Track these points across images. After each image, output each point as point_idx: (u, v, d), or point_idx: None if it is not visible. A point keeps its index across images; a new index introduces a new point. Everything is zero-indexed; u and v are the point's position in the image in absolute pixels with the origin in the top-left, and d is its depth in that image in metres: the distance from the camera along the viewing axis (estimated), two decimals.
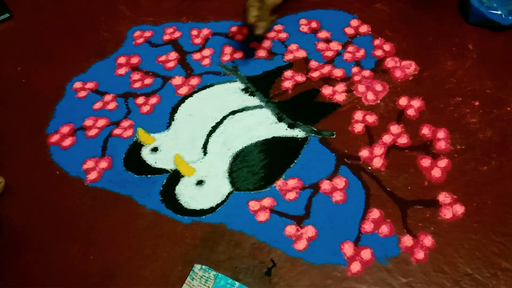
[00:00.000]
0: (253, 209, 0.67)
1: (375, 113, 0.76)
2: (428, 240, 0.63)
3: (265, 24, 0.79)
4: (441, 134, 0.73)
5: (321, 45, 0.87)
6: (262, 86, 0.82)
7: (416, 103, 0.77)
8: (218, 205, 0.68)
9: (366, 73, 0.82)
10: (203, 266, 0.62)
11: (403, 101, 0.78)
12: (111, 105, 0.82)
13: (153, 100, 0.82)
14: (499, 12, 0.84)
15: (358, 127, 0.75)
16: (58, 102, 0.83)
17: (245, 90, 0.82)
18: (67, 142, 0.78)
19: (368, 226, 0.64)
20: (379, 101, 0.78)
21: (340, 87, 0.81)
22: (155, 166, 0.73)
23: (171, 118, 0.79)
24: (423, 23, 0.89)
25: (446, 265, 0.60)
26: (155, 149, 0.75)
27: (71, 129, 0.79)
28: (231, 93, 0.82)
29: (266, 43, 0.88)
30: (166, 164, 0.73)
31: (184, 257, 0.63)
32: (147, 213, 0.68)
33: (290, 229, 0.65)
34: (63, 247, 0.66)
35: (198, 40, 0.91)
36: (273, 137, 0.75)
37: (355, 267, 0.61)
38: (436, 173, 0.69)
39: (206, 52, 0.89)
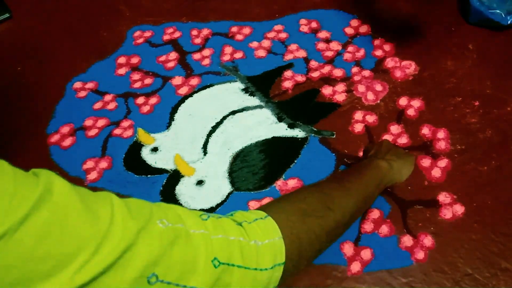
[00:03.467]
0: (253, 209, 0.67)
1: (375, 113, 0.76)
2: (428, 240, 0.63)
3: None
4: (441, 134, 0.73)
5: (321, 45, 0.87)
6: (262, 86, 0.82)
7: (416, 103, 0.77)
8: (218, 205, 0.68)
9: (366, 73, 0.82)
10: None
11: (403, 101, 0.78)
12: (111, 105, 0.82)
13: (153, 100, 0.82)
14: (499, 12, 0.84)
15: (358, 127, 0.75)
16: (58, 102, 0.83)
17: (245, 90, 0.82)
18: (67, 142, 0.77)
19: (368, 226, 0.64)
20: (379, 101, 0.78)
21: (340, 87, 0.81)
22: (155, 166, 0.73)
23: (171, 118, 0.79)
24: (423, 23, 0.89)
25: (446, 265, 0.60)
26: (155, 149, 0.75)
27: (71, 129, 0.79)
28: (231, 93, 0.82)
29: (266, 43, 0.88)
30: (166, 164, 0.73)
31: None
32: None
33: None
34: None
35: (198, 40, 0.91)
36: (273, 137, 0.75)
37: (355, 267, 0.61)
38: (436, 173, 0.69)
39: (206, 52, 0.89)
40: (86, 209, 0.29)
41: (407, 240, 0.63)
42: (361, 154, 0.71)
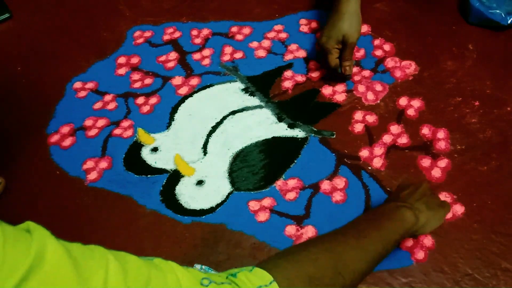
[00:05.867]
0: (253, 209, 0.67)
1: (375, 113, 0.76)
2: (428, 240, 0.63)
3: (352, 63, 0.77)
4: (441, 134, 0.73)
5: None
6: (262, 86, 0.82)
7: (416, 103, 0.77)
8: (218, 205, 0.68)
9: (366, 73, 0.82)
10: (203, 266, 0.62)
11: (403, 101, 0.78)
12: (111, 105, 0.82)
13: (153, 100, 0.82)
14: (499, 12, 0.84)
15: (358, 127, 0.75)
16: (58, 102, 0.83)
17: (245, 90, 0.82)
18: (67, 142, 0.78)
19: None
20: (379, 101, 0.78)
21: (340, 87, 0.81)
22: (155, 166, 0.73)
23: (171, 118, 0.79)
24: (423, 23, 0.89)
25: (446, 265, 0.60)
26: (155, 149, 0.75)
27: (71, 129, 0.79)
28: (231, 93, 0.82)
29: (266, 43, 0.88)
30: (166, 164, 0.73)
31: (184, 257, 0.63)
32: (147, 213, 0.68)
33: (290, 229, 0.65)
34: None
35: (198, 40, 0.91)
36: (273, 137, 0.75)
37: None
38: (436, 173, 0.69)
39: (206, 52, 0.89)
40: (79, 279, 0.28)
41: (407, 240, 0.63)
42: (360, 154, 0.71)
